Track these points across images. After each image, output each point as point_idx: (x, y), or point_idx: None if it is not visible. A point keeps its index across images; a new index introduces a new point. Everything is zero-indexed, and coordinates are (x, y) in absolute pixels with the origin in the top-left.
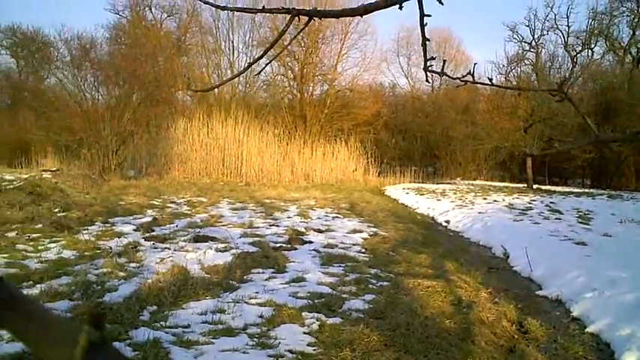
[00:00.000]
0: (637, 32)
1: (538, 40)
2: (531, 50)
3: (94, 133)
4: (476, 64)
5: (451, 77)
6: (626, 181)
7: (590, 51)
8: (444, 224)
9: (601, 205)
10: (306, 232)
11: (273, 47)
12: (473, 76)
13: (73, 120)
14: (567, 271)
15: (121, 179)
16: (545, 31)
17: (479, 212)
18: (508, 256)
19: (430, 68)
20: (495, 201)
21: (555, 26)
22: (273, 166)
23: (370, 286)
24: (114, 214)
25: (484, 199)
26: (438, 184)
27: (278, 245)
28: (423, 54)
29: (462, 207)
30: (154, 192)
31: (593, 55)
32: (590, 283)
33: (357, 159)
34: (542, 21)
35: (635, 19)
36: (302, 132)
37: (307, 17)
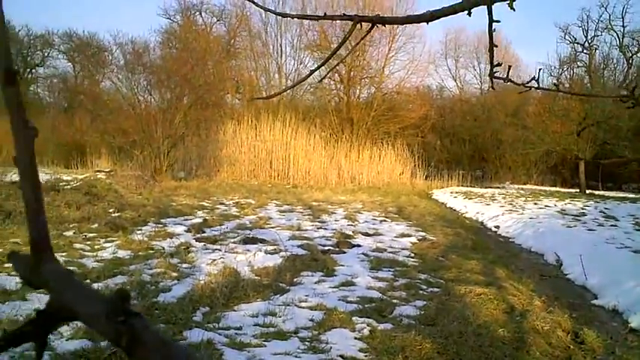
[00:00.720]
0: None
1: (591, 41)
2: (584, 52)
3: (147, 135)
4: (540, 69)
5: (516, 83)
6: None
7: None
8: (494, 229)
9: None
10: (354, 236)
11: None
12: (538, 82)
13: (126, 122)
14: (624, 281)
15: (171, 180)
16: (599, 32)
17: (530, 218)
18: (561, 264)
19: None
20: (547, 206)
21: (610, 27)
22: (320, 169)
23: (420, 291)
24: (166, 215)
25: (535, 204)
26: (486, 188)
27: (326, 248)
28: (489, 60)
29: (512, 212)
30: (204, 193)
31: None
32: None
33: (404, 162)
34: (596, 21)
35: None
36: (349, 135)
37: (370, 24)
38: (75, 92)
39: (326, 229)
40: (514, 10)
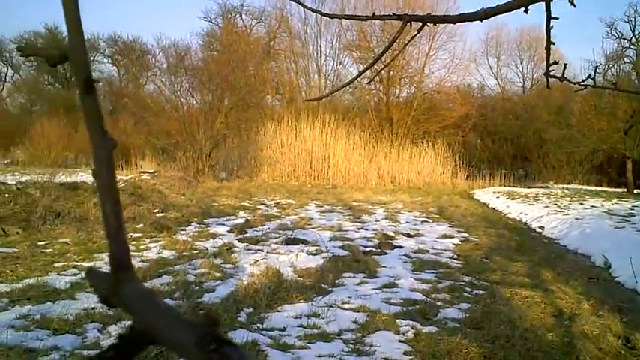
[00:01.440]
0: None
1: (639, 36)
2: (631, 47)
3: (189, 136)
4: (597, 67)
5: (572, 82)
6: None
7: None
8: (538, 230)
9: None
10: (396, 237)
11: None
12: (594, 80)
13: (169, 124)
14: None
15: (213, 181)
16: None
17: (575, 218)
18: (609, 266)
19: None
20: (593, 207)
21: None
22: (359, 169)
23: (465, 294)
24: (208, 215)
25: (580, 204)
26: (529, 188)
27: (368, 249)
28: (546, 59)
29: (556, 212)
30: (245, 194)
31: None
32: None
33: (445, 162)
34: None
35: None
36: (388, 134)
37: (420, 23)
38: (119, 95)
39: (367, 230)
40: (574, 6)
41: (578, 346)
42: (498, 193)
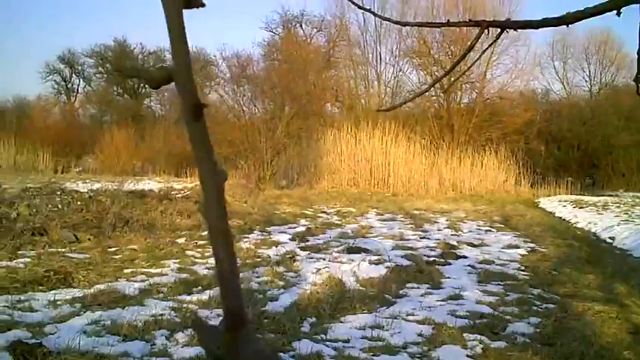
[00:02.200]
0: None
1: None
2: None
3: (251, 145)
4: None
5: None
6: None
7: None
8: (609, 241)
9: None
10: (459, 246)
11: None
12: None
13: (232, 133)
14: None
15: (274, 189)
16: None
17: None
18: None
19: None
20: None
21: None
22: (420, 177)
23: (534, 307)
24: (270, 223)
25: None
26: (598, 196)
27: (431, 259)
28: (637, 64)
29: (628, 222)
30: (306, 202)
31: None
32: None
33: (508, 169)
34: None
35: None
36: (449, 141)
37: (499, 29)
38: None
39: (429, 239)
40: None
41: None
42: (565, 201)
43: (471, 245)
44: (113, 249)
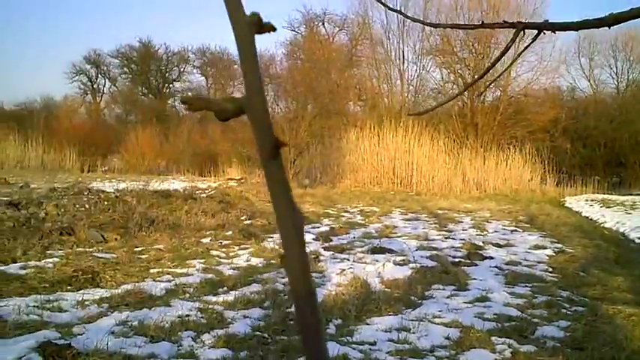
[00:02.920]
0: None
1: None
2: None
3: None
4: None
5: None
6: None
7: None
8: (638, 241)
9: None
10: (484, 247)
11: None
12: None
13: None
14: None
15: (297, 188)
16: None
17: None
18: None
19: None
20: None
21: None
22: (443, 176)
23: (563, 310)
24: None
25: None
26: (625, 195)
27: (457, 260)
28: None
29: None
30: (329, 201)
31: None
32: None
33: (533, 168)
34: None
35: None
36: (473, 140)
37: (536, 31)
38: None
39: (454, 239)
40: None
41: None
42: (592, 200)
43: (497, 246)
44: (139, 249)
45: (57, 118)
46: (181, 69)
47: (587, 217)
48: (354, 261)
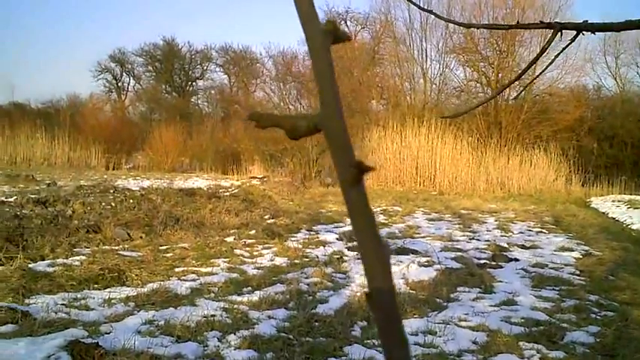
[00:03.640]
0: None
1: None
2: None
3: (297, 143)
4: None
5: None
6: None
7: None
8: None
9: None
10: (510, 248)
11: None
12: None
13: (277, 130)
14: None
15: (319, 186)
16: None
17: None
18: None
19: None
20: None
21: None
22: (467, 175)
23: (592, 315)
24: (317, 222)
25: None
26: None
27: (482, 262)
28: None
29: None
30: None
31: None
32: None
33: (558, 168)
34: None
35: None
36: (497, 139)
37: (575, 32)
38: (230, 102)
39: (479, 240)
40: None
41: None
42: (618, 201)
43: (522, 247)
44: (164, 247)
45: (83, 116)
46: (204, 67)
47: (614, 219)
48: None
